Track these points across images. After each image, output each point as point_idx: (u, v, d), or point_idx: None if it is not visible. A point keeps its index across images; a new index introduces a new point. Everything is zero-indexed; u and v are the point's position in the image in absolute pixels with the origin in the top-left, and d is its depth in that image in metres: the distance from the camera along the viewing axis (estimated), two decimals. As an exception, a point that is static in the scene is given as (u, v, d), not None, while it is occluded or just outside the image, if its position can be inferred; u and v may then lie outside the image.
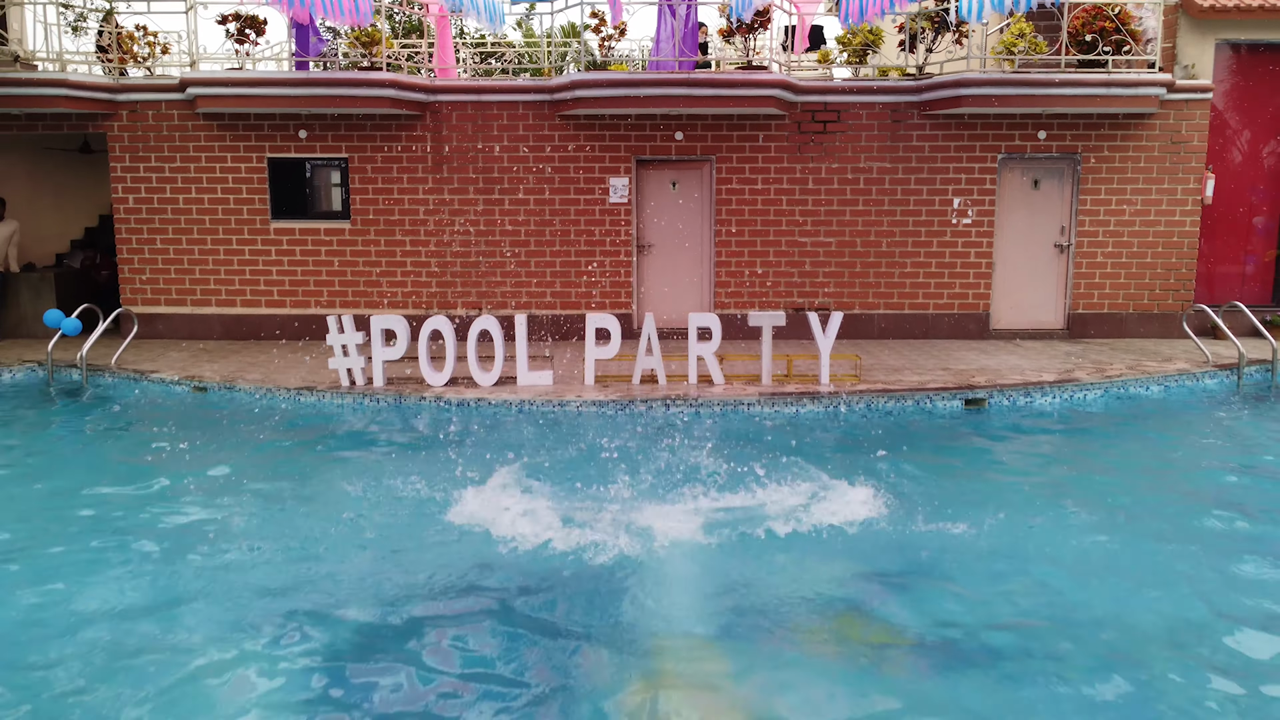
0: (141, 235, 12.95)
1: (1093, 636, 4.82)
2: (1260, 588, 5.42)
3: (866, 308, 13.07)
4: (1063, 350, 12.12)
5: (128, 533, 6.29)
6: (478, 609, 5.19)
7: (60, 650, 4.68)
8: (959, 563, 5.76)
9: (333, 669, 4.54)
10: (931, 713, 4.22)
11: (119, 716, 4.14)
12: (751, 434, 8.83)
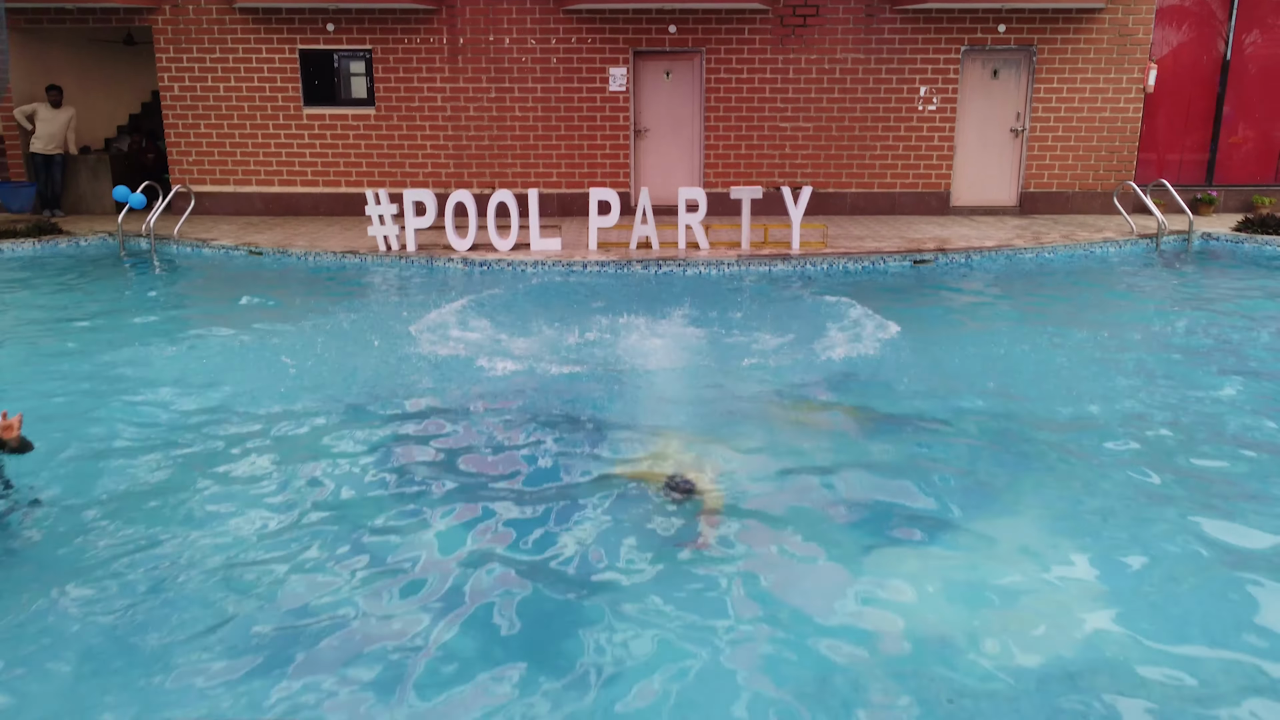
0: (187, 120, 14.27)
1: (1015, 414, 6.46)
2: (1129, 377, 7.05)
3: (840, 187, 14.50)
4: (1011, 224, 13.61)
5: (213, 354, 7.88)
6: (493, 408, 6.81)
7: (163, 436, 6.30)
8: (899, 370, 7.38)
9: (372, 445, 6.18)
10: (855, 462, 5.87)
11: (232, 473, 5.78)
12: (731, 288, 10.42)
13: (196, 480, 5.28)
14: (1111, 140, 14.35)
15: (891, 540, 4.60)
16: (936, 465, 5.49)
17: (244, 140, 14.34)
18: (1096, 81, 14.15)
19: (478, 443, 5.93)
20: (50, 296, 10.07)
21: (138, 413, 6.34)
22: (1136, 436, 5.91)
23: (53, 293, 10.26)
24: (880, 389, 6.94)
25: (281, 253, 11.62)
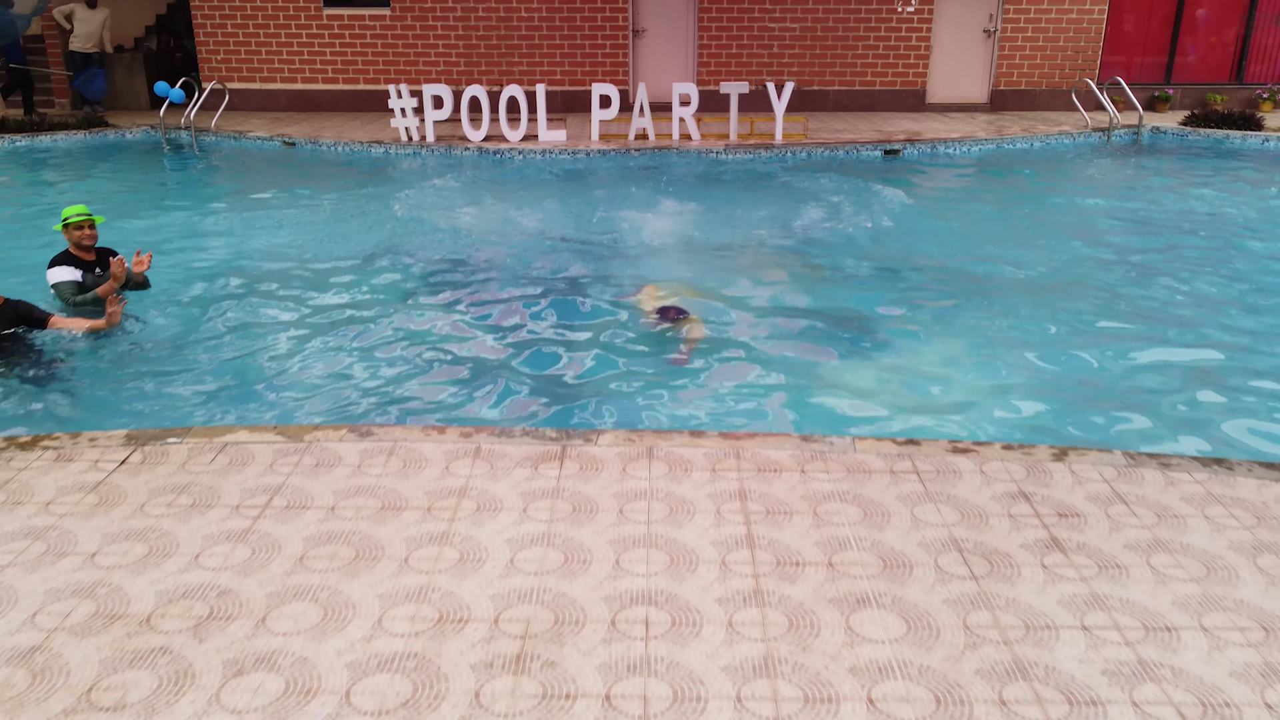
0: (215, 20, 15.19)
1: (974, 270, 7.73)
2: (1053, 240, 8.32)
3: (824, 84, 15.52)
4: (981, 119, 14.69)
5: (265, 223, 9.11)
6: (510, 264, 8.08)
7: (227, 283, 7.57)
8: (862, 236, 8.64)
9: (411, 288, 7.46)
10: (819, 305, 7.16)
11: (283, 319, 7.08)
12: (719, 173, 11.61)
13: (272, 306, 6.61)
14: (1077, 41, 15.32)
15: (848, 354, 5.91)
16: (886, 303, 6.80)
17: (268, 39, 15.29)
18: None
19: (499, 283, 7.23)
20: (109, 180, 11.24)
21: (214, 266, 7.63)
22: (1052, 286, 7.22)
23: (110, 177, 11.43)
24: (845, 250, 8.22)
25: (313, 143, 12.75)
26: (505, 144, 12.42)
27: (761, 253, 8.18)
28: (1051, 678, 2.58)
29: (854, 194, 10.20)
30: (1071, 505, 3.45)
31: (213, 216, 9.38)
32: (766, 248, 8.30)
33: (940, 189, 11.02)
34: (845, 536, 3.25)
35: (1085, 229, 8.93)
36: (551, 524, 3.32)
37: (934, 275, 7.46)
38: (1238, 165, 12.05)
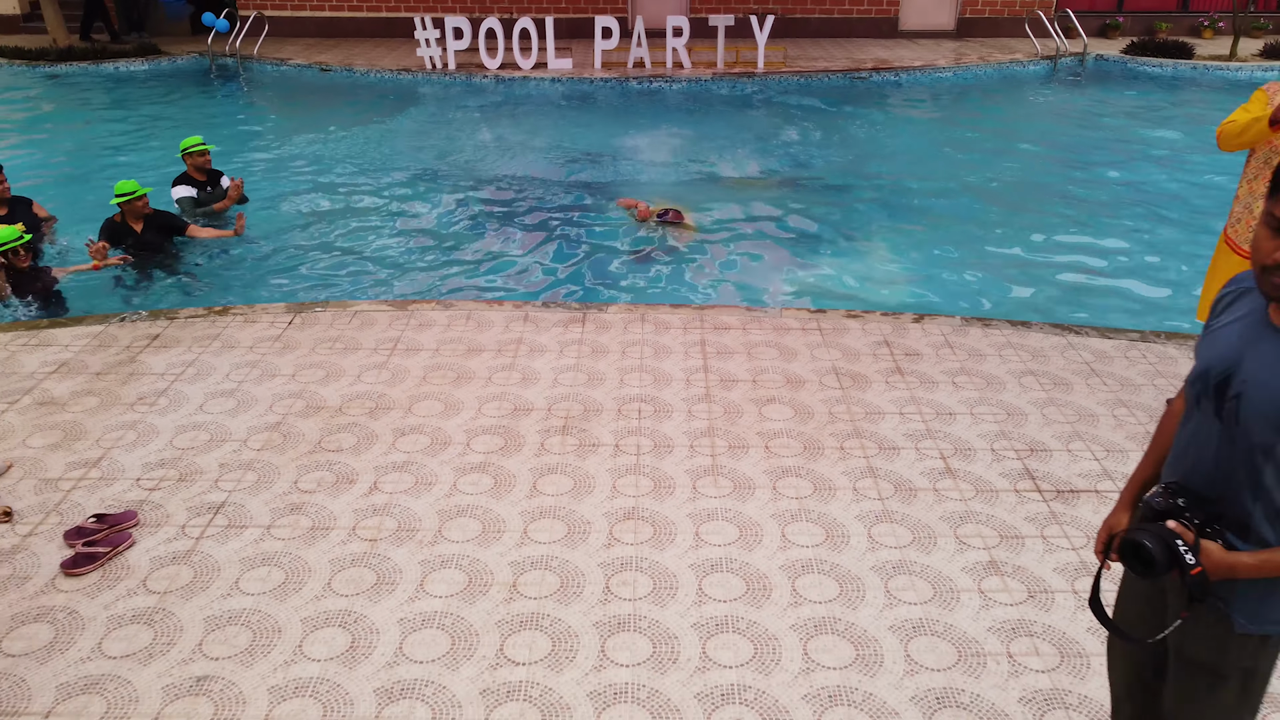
0: (248, -48, 16.50)
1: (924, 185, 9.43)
2: (989, 157, 10.01)
3: (804, 13, 16.90)
4: (947, 46, 16.13)
5: (314, 145, 10.76)
6: (524, 175, 9.76)
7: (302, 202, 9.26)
8: (828, 156, 10.31)
9: (442, 193, 9.17)
10: (788, 211, 8.87)
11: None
12: (707, 99, 13.19)
13: (345, 211, 8.36)
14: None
15: (802, 249, 7.68)
16: (834, 210, 8.54)
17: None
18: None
19: (529, 193, 8.96)
20: (173, 105, 12.80)
21: (291, 180, 9.34)
22: (981, 193, 8.96)
23: (173, 101, 12.98)
24: (808, 166, 9.93)
25: (347, 70, 14.27)
26: (519, 71, 13.94)
27: (739, 168, 9.88)
28: (874, 437, 4.44)
29: (822, 118, 11.82)
30: (915, 348, 5.28)
31: (271, 136, 11.03)
32: (743, 164, 10.00)
33: (898, 114, 12.62)
34: (765, 366, 5.09)
35: (1010, 149, 10.61)
36: (579, 360, 5.15)
37: (877, 187, 9.19)
38: (1167, 91, 13.63)
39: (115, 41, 15.78)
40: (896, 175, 9.58)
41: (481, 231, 8.01)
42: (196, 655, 3.15)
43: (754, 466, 4.20)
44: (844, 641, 3.22)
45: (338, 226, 8.10)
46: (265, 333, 5.47)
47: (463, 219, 8.31)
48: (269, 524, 3.81)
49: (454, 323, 5.59)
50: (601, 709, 2.96)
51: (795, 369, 5.06)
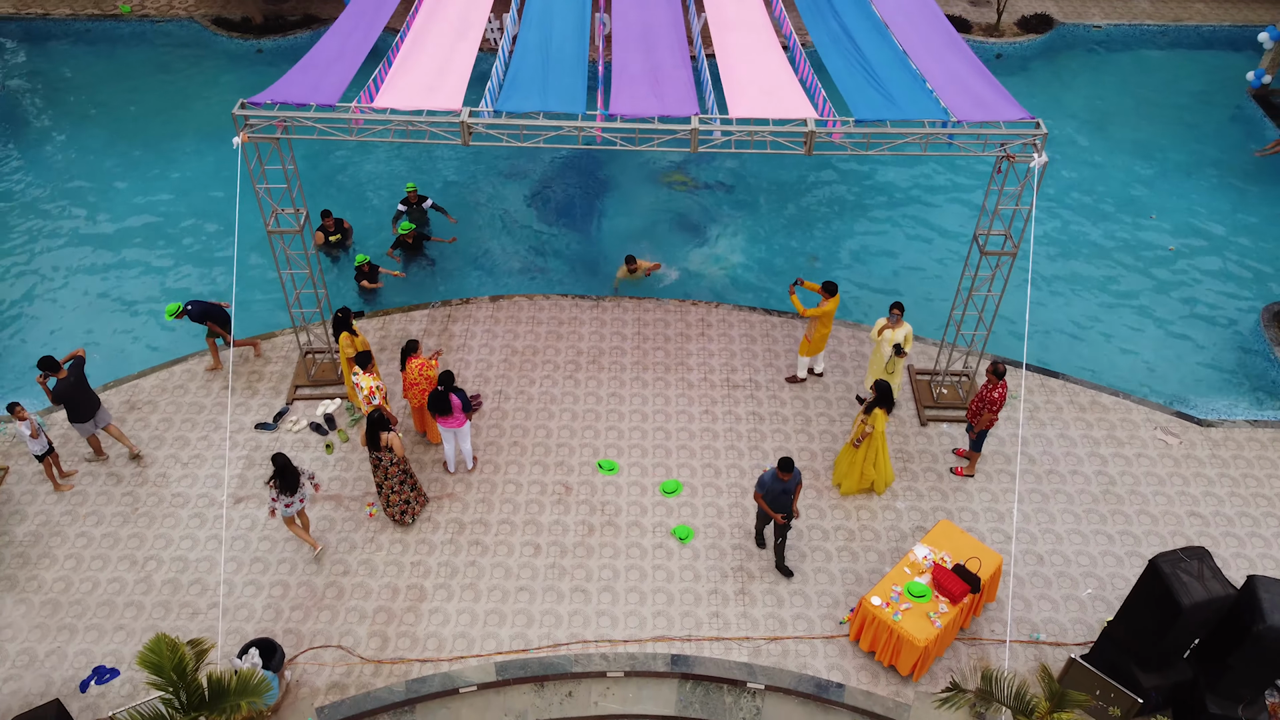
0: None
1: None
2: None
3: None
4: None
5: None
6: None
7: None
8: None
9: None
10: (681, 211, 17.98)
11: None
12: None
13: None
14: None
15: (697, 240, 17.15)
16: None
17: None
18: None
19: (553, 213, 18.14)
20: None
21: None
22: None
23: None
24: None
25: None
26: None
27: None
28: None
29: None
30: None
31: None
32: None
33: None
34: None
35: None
36: (604, 324, 14.96)
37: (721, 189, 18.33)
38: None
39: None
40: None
41: (531, 228, 17.40)
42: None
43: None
44: (666, 431, 13.49)
45: (481, 229, 17.42)
46: (490, 313, 15.18)
47: (520, 223, 17.63)
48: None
49: (548, 302, 15.29)
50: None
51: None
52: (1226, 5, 23.68)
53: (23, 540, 12.01)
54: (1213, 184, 18.78)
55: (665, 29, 13.43)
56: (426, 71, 12.18)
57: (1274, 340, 14.97)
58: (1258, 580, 9.43)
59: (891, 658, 10.70)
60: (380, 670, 10.75)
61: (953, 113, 11.34)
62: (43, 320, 15.61)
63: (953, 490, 12.64)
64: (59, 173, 18.81)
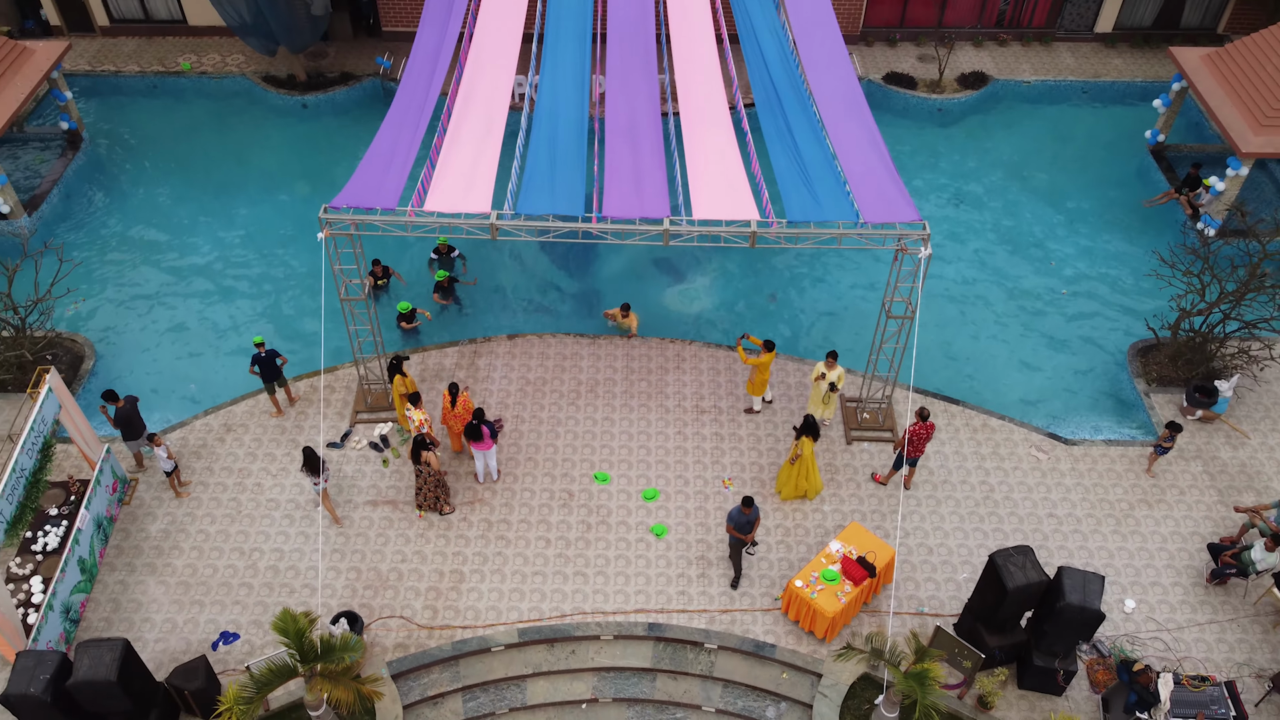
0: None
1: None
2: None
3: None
4: (794, 58, 27.16)
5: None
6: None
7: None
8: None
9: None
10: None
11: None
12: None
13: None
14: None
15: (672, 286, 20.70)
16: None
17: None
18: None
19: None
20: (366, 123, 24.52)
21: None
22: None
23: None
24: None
25: (460, 99, 25.72)
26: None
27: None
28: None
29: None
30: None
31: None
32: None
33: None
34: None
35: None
36: (599, 358, 18.54)
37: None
38: (898, 115, 25.32)
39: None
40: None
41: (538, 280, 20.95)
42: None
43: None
44: (647, 448, 17.14)
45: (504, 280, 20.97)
46: (508, 349, 18.76)
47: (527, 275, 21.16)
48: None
49: (561, 341, 18.86)
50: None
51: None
52: (1140, 62, 27.00)
53: (156, 536, 15.66)
54: (1109, 230, 22.27)
55: (647, 126, 16.91)
56: (461, 174, 15.66)
57: (1135, 373, 18.55)
58: (1064, 570, 13.10)
59: (810, 625, 14.39)
60: (433, 634, 14.44)
61: (863, 214, 14.84)
62: (141, 355, 19.12)
63: (867, 497, 16.29)
64: (139, 218, 22.23)
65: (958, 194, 23.29)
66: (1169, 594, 15.13)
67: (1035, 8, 27.49)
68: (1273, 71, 20.22)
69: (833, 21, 19.22)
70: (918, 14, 27.81)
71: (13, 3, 27.58)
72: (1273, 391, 18.08)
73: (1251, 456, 17.05)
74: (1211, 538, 15.80)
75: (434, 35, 18.79)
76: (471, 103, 17.18)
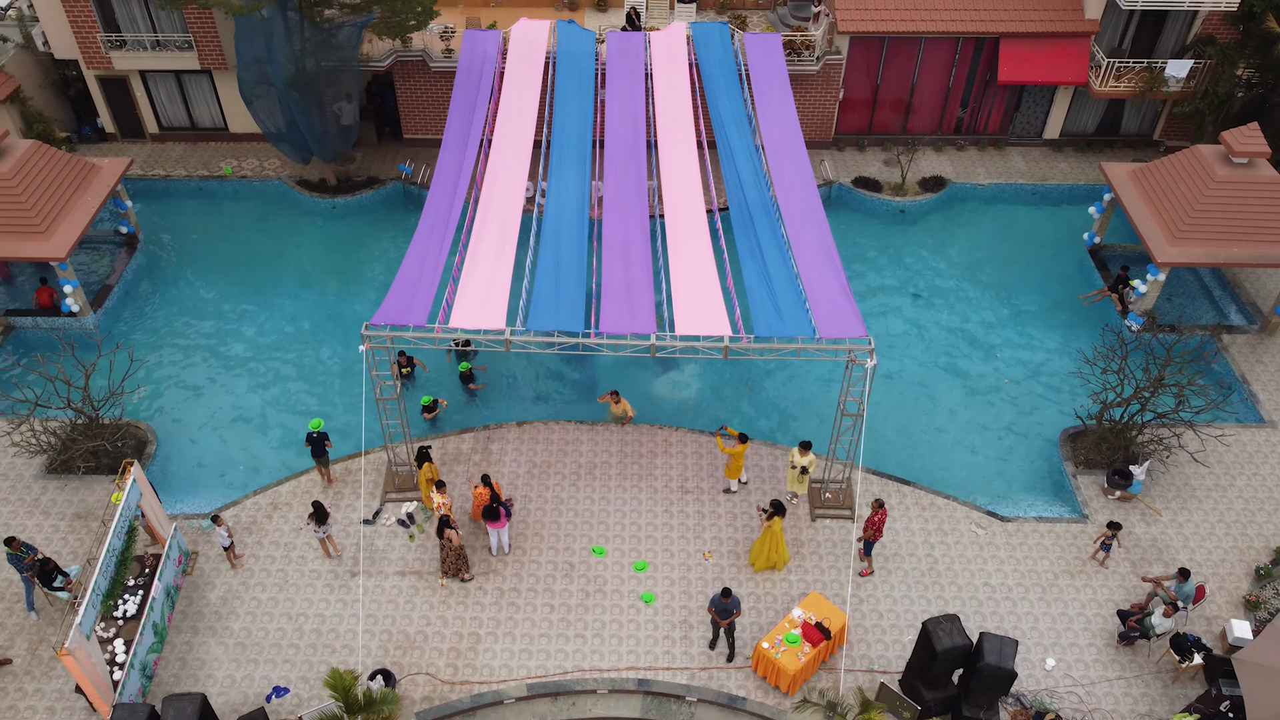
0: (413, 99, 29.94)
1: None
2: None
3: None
4: (773, 162, 30.20)
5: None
6: None
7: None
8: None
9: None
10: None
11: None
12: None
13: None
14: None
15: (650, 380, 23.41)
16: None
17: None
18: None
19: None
20: (393, 224, 27.41)
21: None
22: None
23: (399, 220, 27.56)
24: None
25: (473, 201, 28.72)
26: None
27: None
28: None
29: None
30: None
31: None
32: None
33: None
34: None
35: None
36: (597, 443, 21.17)
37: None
38: (867, 215, 28.21)
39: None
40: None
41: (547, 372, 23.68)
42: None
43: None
44: (638, 525, 19.73)
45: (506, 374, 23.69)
46: (516, 434, 21.41)
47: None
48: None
49: (562, 428, 21.50)
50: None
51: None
52: (1083, 166, 30.01)
53: (215, 602, 18.16)
54: (1051, 323, 25.03)
55: (638, 247, 19.73)
56: (479, 291, 18.43)
57: (1065, 456, 21.17)
58: (985, 635, 15.61)
59: (775, 680, 16.84)
60: (454, 688, 16.89)
61: (819, 330, 17.58)
62: (195, 438, 21.75)
63: (827, 568, 18.82)
64: (190, 312, 24.99)
65: (918, 290, 26.09)
66: (1084, 654, 17.59)
67: (990, 115, 30.55)
68: (1186, 190, 23.11)
69: (801, 145, 22.19)
70: (884, 121, 30.87)
71: (72, 111, 30.67)
72: (1182, 474, 20.67)
73: (1162, 532, 19.60)
74: (1123, 604, 18.28)
75: (453, 159, 21.81)
76: (487, 223, 20.05)
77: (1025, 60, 28.33)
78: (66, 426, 20.41)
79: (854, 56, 29.19)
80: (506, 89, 24.16)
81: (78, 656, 14.49)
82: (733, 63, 25.69)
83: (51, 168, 23.44)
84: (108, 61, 28.24)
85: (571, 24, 27.19)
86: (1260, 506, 20.12)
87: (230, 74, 28.36)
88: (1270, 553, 19.20)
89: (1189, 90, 28.09)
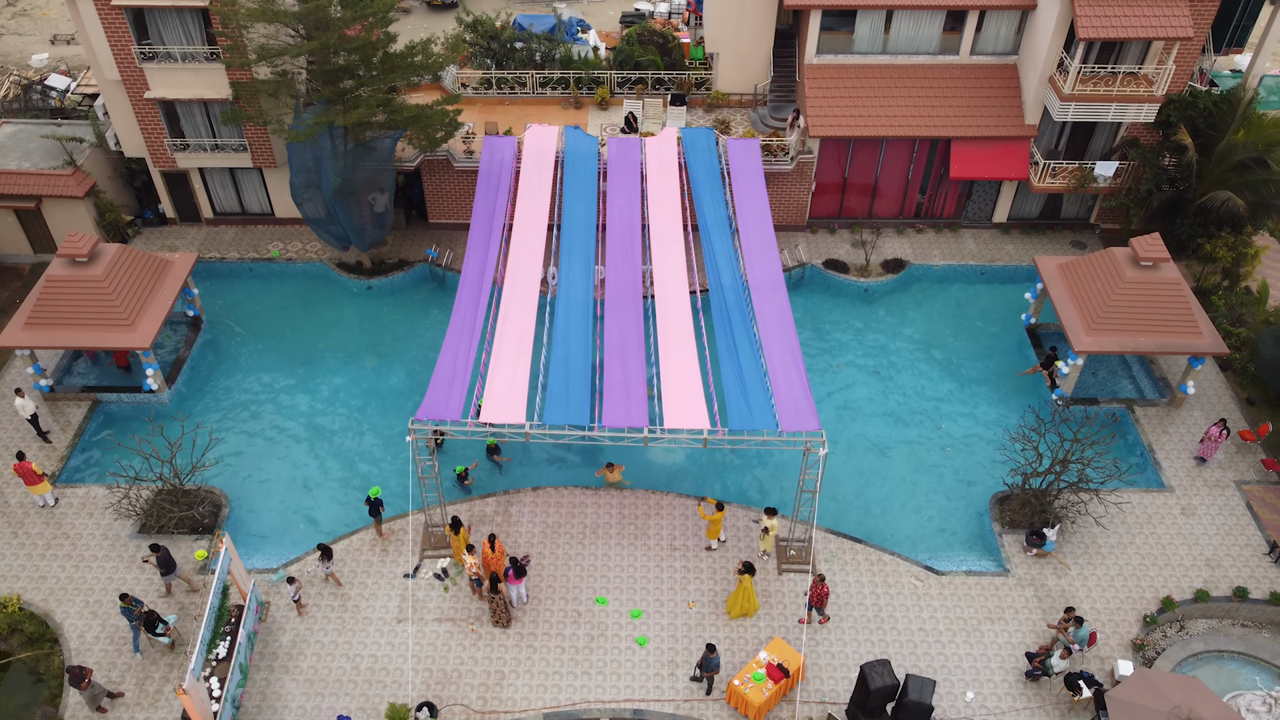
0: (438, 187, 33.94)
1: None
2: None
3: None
4: (754, 244, 34.14)
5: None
6: None
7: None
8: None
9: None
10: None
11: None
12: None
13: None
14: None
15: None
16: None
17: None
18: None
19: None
20: (425, 304, 31.32)
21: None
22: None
23: (429, 300, 31.47)
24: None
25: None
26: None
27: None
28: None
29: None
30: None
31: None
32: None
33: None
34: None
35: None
36: (600, 507, 25.07)
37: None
38: (835, 295, 32.17)
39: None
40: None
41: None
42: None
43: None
44: (634, 578, 23.66)
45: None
46: (517, 500, 25.31)
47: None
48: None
49: (571, 493, 25.40)
50: (602, 589, 23.44)
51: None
52: (1028, 247, 33.94)
53: (287, 645, 22.07)
54: (991, 396, 28.94)
55: (633, 347, 23.73)
56: (503, 389, 22.38)
57: (994, 518, 25.08)
58: (910, 676, 19.51)
59: (745, 711, 20.73)
60: (485, 717, 20.78)
61: (781, 424, 21.52)
62: (261, 501, 25.67)
63: (791, 616, 22.71)
64: (249, 386, 28.92)
65: (878, 364, 30.02)
66: (999, 688, 21.47)
67: (945, 201, 34.52)
68: (1102, 287, 27.04)
69: (774, 246, 26.27)
70: (852, 206, 34.81)
71: (135, 198, 34.67)
72: (1091, 534, 24.58)
73: (1070, 584, 23.51)
74: (1031, 647, 22.18)
75: (477, 261, 25.87)
76: (508, 321, 24.03)
77: (973, 159, 32.30)
78: (154, 493, 24.32)
79: (824, 152, 33.14)
80: (523, 186, 28.32)
81: (192, 695, 18.38)
82: (716, 166, 29.81)
83: (134, 266, 27.39)
84: (172, 161, 32.21)
85: (577, 129, 31.20)
86: (1154, 562, 24.01)
87: (279, 170, 32.34)
88: (1158, 602, 23.09)
89: (1116, 186, 32.04)
